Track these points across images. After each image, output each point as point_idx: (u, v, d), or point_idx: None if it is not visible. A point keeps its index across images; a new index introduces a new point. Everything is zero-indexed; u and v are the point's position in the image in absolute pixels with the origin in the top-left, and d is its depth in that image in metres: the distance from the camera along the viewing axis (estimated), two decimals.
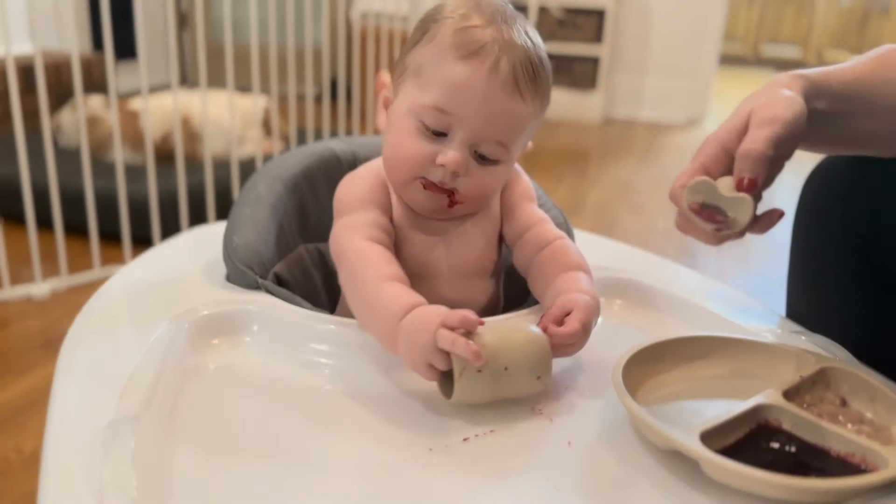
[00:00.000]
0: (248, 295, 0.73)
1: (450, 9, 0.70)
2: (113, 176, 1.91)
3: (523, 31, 0.69)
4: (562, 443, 0.58)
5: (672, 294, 0.81)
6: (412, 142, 0.69)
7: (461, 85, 0.66)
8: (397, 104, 0.71)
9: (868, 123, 0.68)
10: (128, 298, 0.75)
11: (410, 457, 0.56)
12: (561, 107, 4.12)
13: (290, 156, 0.87)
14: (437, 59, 0.68)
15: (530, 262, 0.75)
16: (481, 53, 0.66)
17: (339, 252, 0.69)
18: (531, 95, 0.69)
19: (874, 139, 0.70)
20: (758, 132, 0.60)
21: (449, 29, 0.68)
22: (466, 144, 0.68)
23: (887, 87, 0.68)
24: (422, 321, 0.60)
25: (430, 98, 0.68)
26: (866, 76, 0.68)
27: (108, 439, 0.51)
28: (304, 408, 0.61)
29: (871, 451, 0.54)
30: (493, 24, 0.68)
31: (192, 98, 2.23)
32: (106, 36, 1.73)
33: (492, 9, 0.69)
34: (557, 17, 4.02)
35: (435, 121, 0.68)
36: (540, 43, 0.71)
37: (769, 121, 0.60)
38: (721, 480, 0.52)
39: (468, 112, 0.67)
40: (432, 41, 0.68)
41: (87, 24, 3.31)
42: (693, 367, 0.67)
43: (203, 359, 0.66)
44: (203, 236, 0.91)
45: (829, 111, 0.66)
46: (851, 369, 0.64)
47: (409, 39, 0.72)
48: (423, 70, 0.69)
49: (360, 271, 0.66)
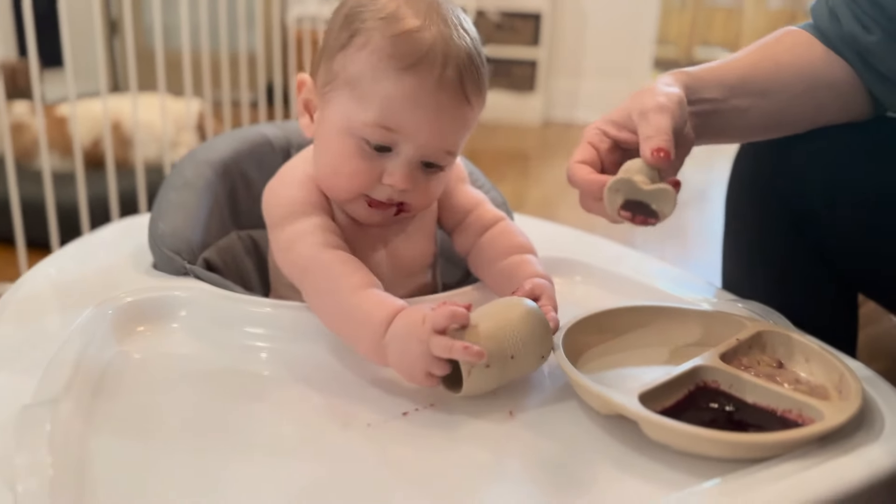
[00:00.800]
0: (176, 281, 0.70)
1: (380, 5, 0.63)
2: (40, 183, 1.84)
3: (459, 26, 0.65)
4: (503, 413, 0.57)
5: (610, 271, 0.81)
6: (353, 162, 0.64)
7: (406, 100, 0.61)
8: (330, 116, 0.65)
9: (769, 105, 0.70)
10: (48, 288, 0.72)
11: (348, 434, 0.54)
12: (501, 109, 4.15)
13: (219, 140, 0.84)
14: (374, 70, 0.62)
15: (472, 245, 0.74)
16: (425, 62, 0.61)
17: (300, 266, 0.64)
18: (476, 97, 0.65)
19: (779, 122, 0.72)
20: (655, 116, 0.60)
21: (384, 34, 0.61)
22: (415, 159, 0.64)
23: (782, 70, 0.70)
24: (410, 330, 0.55)
25: (371, 115, 0.62)
26: (762, 62, 0.70)
27: (22, 423, 0.48)
28: (236, 393, 0.59)
29: (808, 406, 0.54)
30: (431, 23, 0.62)
31: (122, 103, 2.17)
32: (29, 41, 1.67)
33: (424, 2, 0.64)
34: (495, 20, 4.05)
35: (379, 138, 0.63)
36: (474, 32, 0.67)
37: (659, 107, 0.60)
38: (661, 440, 0.52)
39: (415, 127, 0.62)
40: (366, 48, 0.62)
41: (11, 30, 3.21)
42: (633, 335, 0.67)
43: (128, 346, 0.63)
44: (131, 227, 0.87)
45: (725, 102, 0.68)
46: (786, 332, 0.64)
47: (332, 38, 0.66)
48: (360, 82, 0.62)
49: (330, 284, 0.61)
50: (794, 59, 0.71)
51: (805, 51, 0.72)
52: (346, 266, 0.62)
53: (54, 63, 2.29)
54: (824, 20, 0.72)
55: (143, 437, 0.52)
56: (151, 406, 0.56)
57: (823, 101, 0.72)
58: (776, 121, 0.72)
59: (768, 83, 0.70)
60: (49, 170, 1.77)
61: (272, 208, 0.69)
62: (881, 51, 0.67)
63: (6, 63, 2.46)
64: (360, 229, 0.71)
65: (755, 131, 0.72)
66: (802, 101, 0.71)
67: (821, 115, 0.73)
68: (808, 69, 0.71)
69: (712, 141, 0.70)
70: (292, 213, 0.67)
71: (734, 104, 0.69)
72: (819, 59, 0.71)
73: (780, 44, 0.73)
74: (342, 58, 0.64)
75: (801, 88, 0.70)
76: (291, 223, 0.66)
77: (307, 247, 0.64)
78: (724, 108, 0.68)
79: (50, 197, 1.78)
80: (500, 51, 4.11)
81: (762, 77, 0.70)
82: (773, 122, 0.72)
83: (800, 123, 0.74)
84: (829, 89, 0.71)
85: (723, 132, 0.70)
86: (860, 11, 0.67)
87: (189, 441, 0.52)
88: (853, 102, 0.73)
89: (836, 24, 0.71)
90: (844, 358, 0.62)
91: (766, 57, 0.71)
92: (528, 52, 4.08)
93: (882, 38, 0.66)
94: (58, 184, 1.86)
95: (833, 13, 0.71)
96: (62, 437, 0.48)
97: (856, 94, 0.72)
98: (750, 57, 0.71)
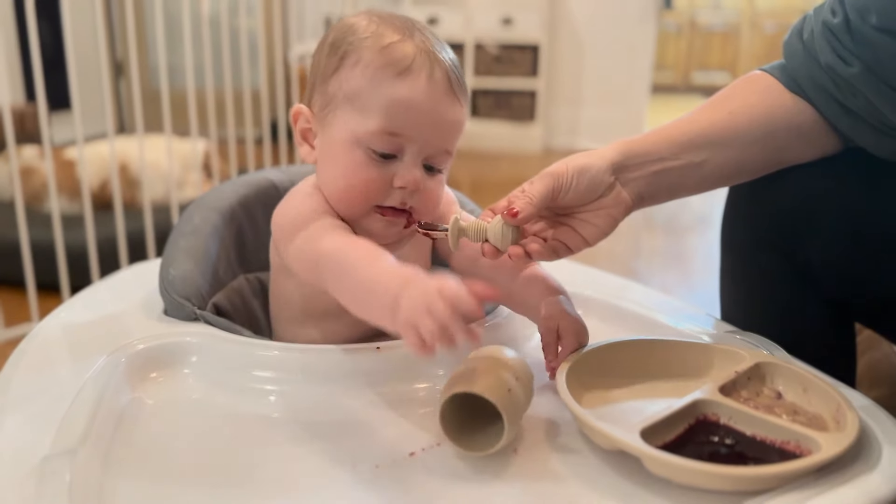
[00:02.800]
0: (186, 326, 0.72)
1: (361, 28, 0.69)
2: (49, 226, 1.86)
3: (434, 37, 0.70)
4: (508, 451, 0.58)
5: (611, 304, 0.83)
6: (364, 171, 0.68)
7: (406, 103, 0.66)
8: (334, 134, 0.69)
9: (726, 155, 0.73)
10: (63, 336, 0.74)
11: (357, 475, 0.55)
12: (502, 139, 4.19)
13: (226, 186, 0.86)
14: (371, 81, 0.66)
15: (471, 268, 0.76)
16: (415, 67, 0.66)
17: (312, 261, 0.65)
18: (463, 98, 0.70)
19: (739, 170, 0.75)
20: (535, 182, 0.67)
21: (373, 49, 0.67)
22: (419, 160, 0.69)
23: (736, 118, 0.73)
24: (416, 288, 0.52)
25: (374, 123, 0.66)
26: (715, 115, 0.73)
27: (42, 475, 0.49)
28: (246, 436, 0.60)
29: (805, 438, 0.56)
30: (411, 36, 0.68)
31: (129, 145, 2.20)
32: (38, 85, 1.71)
33: (400, 22, 0.70)
34: (494, 53, 4.10)
35: (385, 145, 0.67)
36: (447, 45, 0.72)
37: (543, 176, 0.67)
38: (663, 475, 0.53)
39: (418, 128, 0.67)
40: (359, 65, 0.67)
41: (19, 74, 3.26)
42: (634, 369, 0.68)
43: (141, 393, 0.65)
44: (142, 272, 0.89)
45: (676, 159, 0.71)
46: (784, 363, 0.66)
47: (322, 66, 0.70)
48: (359, 95, 0.67)
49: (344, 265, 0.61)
50: (753, 107, 0.74)
51: (766, 97, 0.74)
52: (355, 244, 0.63)
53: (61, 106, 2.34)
54: (797, 58, 0.74)
55: (159, 482, 0.54)
56: (166, 451, 0.57)
57: (784, 144, 0.74)
58: (735, 169, 0.74)
59: (724, 135, 0.72)
60: (58, 213, 1.80)
61: (282, 221, 0.71)
62: (859, 82, 0.69)
63: (14, 108, 2.50)
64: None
65: (713, 182, 0.75)
66: (761, 146, 0.73)
67: (784, 157, 0.76)
68: (767, 115, 0.73)
69: (669, 197, 0.74)
70: (302, 221, 0.69)
71: (687, 160, 0.72)
72: (779, 104, 0.74)
73: (739, 93, 0.76)
74: (336, 79, 0.69)
75: (761, 135, 0.73)
76: (301, 230, 0.68)
77: (317, 242, 0.66)
78: (676, 165, 0.71)
79: (59, 240, 1.80)
80: (499, 82, 4.16)
81: (718, 129, 0.72)
82: (733, 170, 0.74)
83: (761, 168, 0.76)
84: (790, 132, 0.74)
85: (677, 188, 0.73)
86: (839, 46, 0.70)
87: (203, 484, 0.54)
88: (817, 140, 0.75)
89: (809, 60, 0.73)
90: (842, 387, 0.63)
91: (722, 109, 0.74)
92: (528, 83, 4.13)
93: (861, 71, 0.68)
94: (67, 226, 1.89)
95: (808, 49, 0.73)
96: (81, 487, 0.49)
97: (818, 132, 0.75)
98: (705, 111, 0.74)
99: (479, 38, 4.09)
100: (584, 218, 0.69)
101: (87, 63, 2.32)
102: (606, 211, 0.69)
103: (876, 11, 0.65)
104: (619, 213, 0.70)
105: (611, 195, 0.69)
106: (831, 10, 0.71)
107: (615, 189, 0.69)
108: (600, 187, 0.68)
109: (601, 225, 0.69)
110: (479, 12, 4.08)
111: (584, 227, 0.69)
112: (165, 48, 1.88)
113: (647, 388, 0.67)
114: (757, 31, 6.68)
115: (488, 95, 4.16)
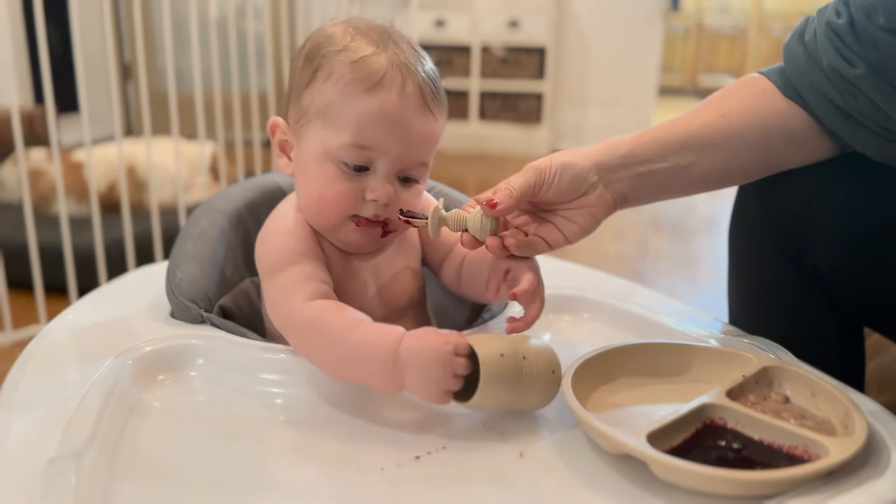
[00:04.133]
0: (193, 329, 0.72)
1: (336, 40, 0.68)
2: (57, 228, 1.87)
3: (412, 49, 0.70)
4: (514, 454, 0.58)
5: (618, 307, 0.83)
6: (336, 184, 0.68)
7: (375, 117, 0.66)
8: (306, 148, 0.70)
9: (714, 158, 0.73)
10: (70, 338, 0.74)
11: (362, 478, 0.55)
12: (508, 142, 4.19)
13: (232, 189, 0.87)
14: (341, 96, 0.67)
15: (459, 273, 0.76)
16: (385, 82, 0.66)
17: (284, 321, 0.67)
18: (438, 110, 0.70)
19: (726, 173, 0.74)
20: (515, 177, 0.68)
21: (344, 63, 0.67)
22: (392, 173, 0.69)
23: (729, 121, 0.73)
24: (431, 354, 0.58)
25: (345, 137, 0.67)
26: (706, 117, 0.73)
27: (48, 476, 0.49)
28: (252, 438, 0.60)
29: (813, 442, 0.55)
30: (385, 49, 0.68)
31: (137, 147, 2.21)
32: (46, 87, 1.71)
33: (376, 32, 0.69)
34: (500, 56, 4.10)
35: (355, 158, 0.67)
36: (425, 54, 0.72)
37: (526, 170, 0.68)
38: (670, 480, 0.53)
39: (388, 142, 0.67)
40: (330, 79, 0.67)
41: (27, 77, 3.28)
42: (640, 372, 0.68)
43: (148, 395, 0.65)
44: (148, 275, 0.90)
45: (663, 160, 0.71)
46: (791, 367, 0.65)
47: (297, 77, 0.70)
48: (330, 109, 0.67)
49: (324, 335, 0.63)
50: (746, 110, 0.73)
51: (759, 101, 0.74)
52: (333, 312, 0.64)
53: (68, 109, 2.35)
54: (797, 61, 0.74)
55: (165, 484, 0.54)
56: (172, 453, 0.57)
57: (776, 149, 0.74)
58: (723, 173, 0.74)
59: (714, 137, 0.72)
60: (66, 215, 1.81)
61: (262, 258, 0.71)
62: (863, 83, 0.69)
63: (23, 110, 2.51)
64: (350, 268, 0.73)
65: (701, 185, 0.75)
66: (751, 150, 0.73)
67: (774, 162, 0.76)
68: (759, 119, 0.73)
69: (653, 199, 0.74)
70: (281, 262, 0.69)
71: (674, 162, 0.72)
72: (772, 108, 0.73)
73: (734, 95, 0.75)
74: (309, 93, 0.69)
75: (752, 139, 0.73)
76: (280, 273, 0.68)
77: (291, 303, 0.66)
78: (662, 168, 0.72)
79: (67, 242, 1.81)
80: (505, 85, 4.16)
81: (708, 132, 0.72)
82: (721, 174, 0.74)
83: (751, 172, 0.76)
84: (781, 137, 0.74)
85: (662, 190, 0.73)
86: (843, 47, 0.69)
87: (209, 487, 0.54)
88: (808, 145, 0.75)
89: (810, 63, 0.72)
90: (850, 392, 0.63)
91: (715, 111, 0.74)
92: (534, 86, 4.13)
93: (866, 72, 0.68)
94: (74, 229, 1.89)
95: (809, 51, 0.73)
96: (87, 489, 0.49)
97: (809, 137, 0.74)
98: (694, 113, 0.74)
99: (485, 40, 4.09)
100: (566, 216, 0.70)
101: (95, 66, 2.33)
102: (588, 210, 0.70)
103: (884, 11, 0.65)
104: (600, 213, 0.70)
105: (593, 194, 0.70)
106: (836, 11, 0.70)
107: (598, 189, 0.70)
108: (583, 186, 0.69)
109: (582, 223, 0.70)
110: (485, 15, 4.08)
111: (565, 225, 0.70)
112: (173, 51, 1.88)
113: (654, 391, 0.67)
114: (764, 33, 6.66)
115: (495, 98, 4.16)
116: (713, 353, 0.69)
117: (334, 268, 0.72)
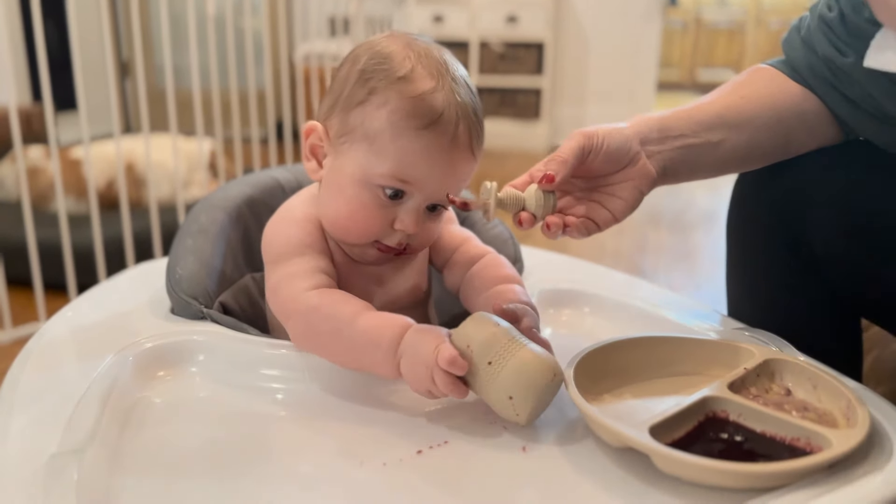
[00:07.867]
0: (193, 325, 0.72)
1: (395, 63, 0.66)
2: (56, 226, 1.87)
3: (464, 82, 0.68)
4: (516, 448, 0.58)
5: (619, 301, 0.83)
6: (368, 210, 0.68)
7: (422, 155, 0.65)
8: (345, 167, 0.68)
9: (740, 138, 0.74)
10: (70, 336, 0.74)
11: (365, 473, 0.55)
12: (507, 138, 4.18)
13: (231, 186, 0.86)
14: (394, 128, 0.65)
15: (460, 279, 0.76)
16: (441, 122, 0.65)
17: (287, 307, 0.67)
18: (478, 150, 0.70)
19: (749, 154, 0.76)
20: (563, 144, 0.68)
21: (402, 96, 0.65)
22: (422, 204, 0.68)
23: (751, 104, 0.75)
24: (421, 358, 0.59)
25: (387, 167, 0.66)
26: (730, 98, 0.75)
27: (50, 473, 0.49)
28: (253, 434, 0.60)
29: (815, 434, 0.55)
30: (444, 83, 0.66)
31: (135, 144, 2.21)
32: (44, 85, 1.71)
33: (434, 60, 0.67)
34: (498, 51, 4.09)
35: (393, 186, 0.67)
36: (473, 85, 0.71)
37: (573, 135, 0.68)
38: (672, 473, 0.53)
39: (428, 179, 0.67)
40: (385, 107, 0.65)
41: (25, 74, 3.27)
42: (642, 366, 0.68)
43: (148, 392, 0.65)
44: (148, 272, 0.89)
45: (696, 136, 0.72)
46: (793, 359, 0.65)
47: (347, 92, 0.68)
48: (379, 138, 0.66)
49: (329, 323, 0.63)
50: (762, 93, 0.76)
51: (772, 85, 0.77)
52: (336, 301, 0.65)
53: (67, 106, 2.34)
54: (796, 51, 0.78)
55: (166, 480, 0.54)
56: (173, 450, 0.57)
57: (792, 131, 0.76)
58: (747, 152, 0.75)
59: (738, 117, 0.74)
60: (65, 213, 1.81)
61: (269, 246, 0.71)
62: (855, 71, 0.72)
63: (21, 108, 2.51)
64: (355, 267, 0.73)
65: (728, 165, 0.76)
66: (772, 132, 0.75)
67: (791, 144, 0.78)
68: (775, 102, 0.75)
69: (688, 176, 0.74)
70: (287, 252, 0.69)
71: (706, 138, 0.73)
72: (785, 91, 0.76)
73: (748, 81, 0.78)
74: (360, 113, 0.67)
75: (770, 120, 0.75)
76: (285, 262, 0.69)
77: (293, 291, 0.66)
78: (696, 143, 0.73)
79: (66, 240, 1.81)
80: (504, 80, 4.15)
81: (732, 112, 0.74)
82: (745, 153, 0.75)
83: (770, 154, 0.78)
84: (796, 119, 0.76)
85: (697, 167, 0.74)
86: (835, 37, 0.74)
87: (210, 482, 0.54)
88: (819, 129, 0.78)
89: (808, 53, 0.76)
90: (851, 383, 0.63)
91: (735, 93, 0.76)
92: (532, 81, 4.12)
93: (856, 60, 0.71)
94: (73, 226, 1.89)
95: (806, 43, 0.77)
96: (88, 485, 0.49)
97: (821, 121, 0.77)
98: (719, 95, 0.76)
99: (483, 35, 4.08)
100: (611, 191, 0.69)
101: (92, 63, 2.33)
102: (632, 182, 0.69)
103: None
104: (644, 186, 0.70)
105: (637, 166, 0.70)
106: (827, 6, 0.75)
107: (641, 160, 0.70)
108: (628, 154, 0.69)
109: (627, 198, 0.69)
110: (483, 10, 4.07)
111: (610, 202, 0.69)
112: (171, 48, 1.88)
113: (656, 385, 0.67)
114: (762, 28, 6.65)
115: (493, 93, 4.15)
116: (715, 345, 0.69)
117: (339, 264, 0.72)
